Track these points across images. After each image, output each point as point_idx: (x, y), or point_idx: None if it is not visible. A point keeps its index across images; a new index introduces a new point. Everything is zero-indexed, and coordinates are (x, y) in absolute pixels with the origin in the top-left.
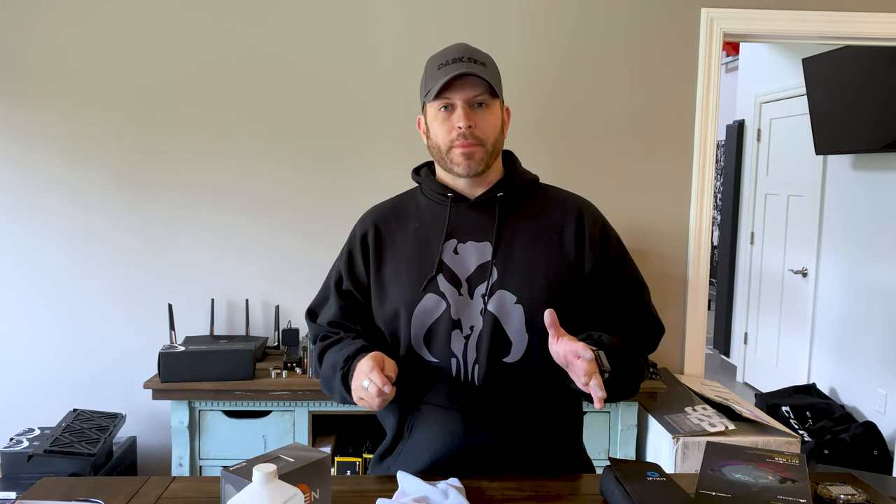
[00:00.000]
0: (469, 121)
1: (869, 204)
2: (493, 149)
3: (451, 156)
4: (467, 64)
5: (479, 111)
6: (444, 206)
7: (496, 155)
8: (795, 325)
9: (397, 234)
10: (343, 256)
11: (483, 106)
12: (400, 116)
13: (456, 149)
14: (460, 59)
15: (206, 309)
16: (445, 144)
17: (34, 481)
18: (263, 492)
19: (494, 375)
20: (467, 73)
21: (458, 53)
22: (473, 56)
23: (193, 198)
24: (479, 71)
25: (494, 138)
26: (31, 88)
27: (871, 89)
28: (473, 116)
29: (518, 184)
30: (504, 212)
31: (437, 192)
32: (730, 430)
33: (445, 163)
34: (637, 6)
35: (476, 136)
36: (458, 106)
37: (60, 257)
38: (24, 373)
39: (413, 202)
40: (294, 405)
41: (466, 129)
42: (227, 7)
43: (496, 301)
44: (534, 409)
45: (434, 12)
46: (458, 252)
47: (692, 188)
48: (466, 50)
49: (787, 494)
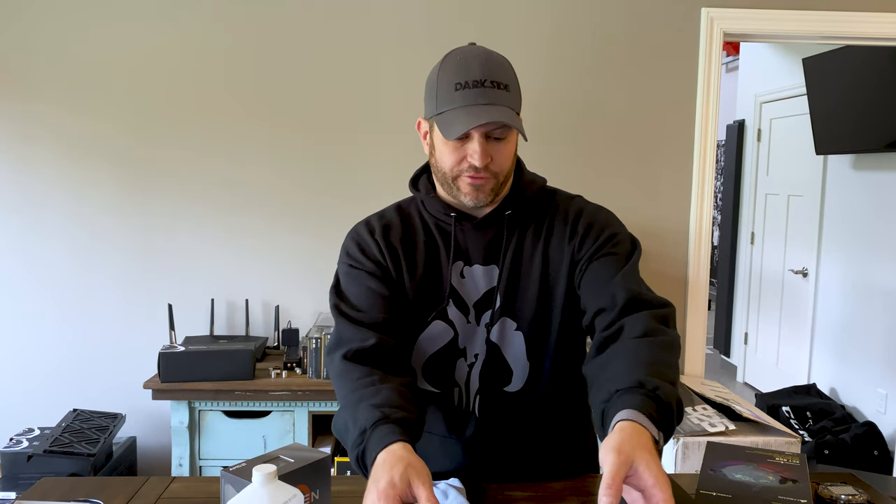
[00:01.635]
0: (486, 158)
1: (869, 204)
2: (504, 178)
3: (459, 184)
4: (490, 91)
5: (496, 143)
6: (448, 226)
7: (506, 183)
8: (796, 325)
9: (406, 242)
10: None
11: (500, 139)
12: (401, 116)
13: (465, 178)
14: (482, 83)
15: (206, 309)
16: (453, 172)
17: (34, 481)
18: (263, 492)
19: (495, 405)
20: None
21: (479, 75)
22: (496, 78)
23: (194, 197)
24: (503, 101)
25: (507, 169)
26: (31, 87)
27: (871, 89)
28: (489, 149)
29: (527, 196)
30: (511, 231)
31: (440, 211)
32: (730, 430)
33: (450, 188)
34: (637, 6)
35: (490, 171)
36: (475, 139)
37: (60, 257)
38: (23, 372)
39: (416, 212)
40: (294, 405)
41: (481, 166)
42: (229, 6)
43: (498, 328)
44: (539, 437)
45: (434, 14)
46: (465, 276)
47: (692, 188)
48: (488, 70)
49: (787, 495)
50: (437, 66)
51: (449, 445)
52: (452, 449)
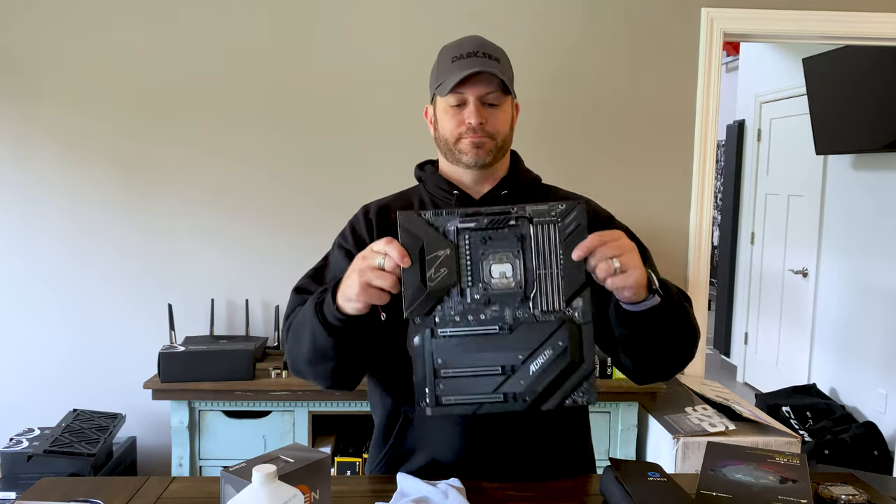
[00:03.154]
0: (480, 118)
1: (869, 204)
2: (502, 143)
3: (460, 146)
4: (482, 59)
5: (491, 109)
6: (447, 203)
7: (505, 150)
8: (796, 326)
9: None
10: (347, 236)
11: (495, 105)
12: (399, 117)
13: (465, 139)
14: (475, 53)
15: (206, 309)
16: (454, 136)
17: (34, 481)
18: (263, 492)
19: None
20: (482, 71)
21: (472, 47)
22: (488, 51)
23: (194, 198)
24: (493, 67)
25: (504, 134)
26: (31, 86)
27: (871, 89)
28: (484, 113)
29: (522, 182)
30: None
31: (442, 187)
32: (730, 430)
33: (453, 154)
34: (637, 6)
35: (486, 131)
36: (471, 102)
37: (61, 257)
38: (23, 372)
39: (417, 197)
40: (294, 405)
41: (477, 126)
42: (229, 6)
43: None
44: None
45: (433, 11)
46: None
47: (692, 188)
48: (481, 44)
49: (787, 495)
50: (439, 52)
51: (447, 430)
52: (450, 433)
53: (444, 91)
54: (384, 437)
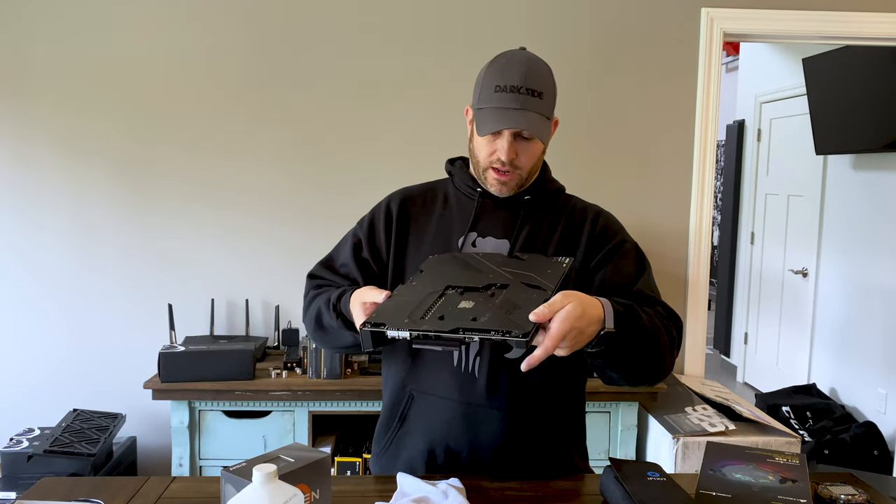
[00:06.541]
0: (511, 154)
1: (869, 204)
2: (528, 174)
3: (486, 176)
4: (524, 97)
5: (524, 143)
6: (472, 200)
7: (531, 178)
8: (795, 325)
9: (421, 218)
10: (364, 225)
11: (528, 139)
12: (403, 117)
13: (492, 172)
14: (518, 88)
15: (206, 309)
16: (484, 163)
17: (34, 481)
18: (263, 492)
19: (496, 370)
20: (521, 109)
21: (518, 80)
22: (533, 86)
23: (194, 197)
24: (534, 107)
25: (532, 165)
26: (31, 86)
27: (871, 89)
28: (517, 147)
29: (546, 190)
30: (528, 214)
31: (468, 185)
32: (730, 430)
33: (480, 176)
34: (637, 6)
35: (514, 165)
36: (505, 137)
37: (60, 257)
38: (23, 372)
39: (442, 190)
40: (294, 405)
41: (507, 161)
42: (229, 7)
43: None
44: (535, 406)
45: (435, 17)
46: (476, 245)
47: (692, 188)
48: (527, 77)
49: (787, 494)
50: (486, 66)
51: (449, 406)
52: (451, 410)
53: (479, 128)
54: (390, 415)
